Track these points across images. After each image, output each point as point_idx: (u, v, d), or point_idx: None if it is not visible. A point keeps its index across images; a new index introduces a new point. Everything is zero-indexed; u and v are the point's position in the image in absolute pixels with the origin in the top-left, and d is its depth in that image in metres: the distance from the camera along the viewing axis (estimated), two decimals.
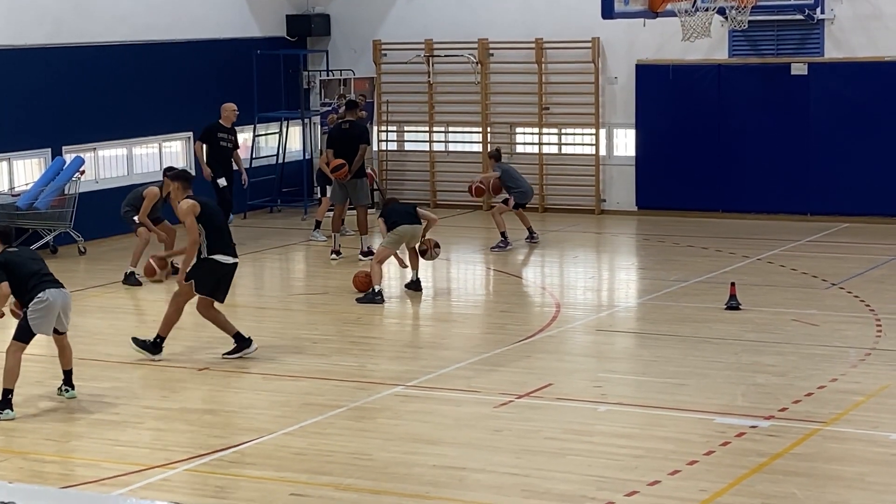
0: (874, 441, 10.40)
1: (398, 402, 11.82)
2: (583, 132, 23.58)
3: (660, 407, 11.43)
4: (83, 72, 21.04)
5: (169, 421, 11.39)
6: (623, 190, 23.29)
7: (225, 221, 13.83)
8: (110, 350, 13.91)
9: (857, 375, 12.35)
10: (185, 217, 13.26)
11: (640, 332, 14.65)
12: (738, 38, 22.17)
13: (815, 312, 15.01)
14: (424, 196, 24.29)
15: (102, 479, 9.80)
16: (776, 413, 11.12)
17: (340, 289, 17.05)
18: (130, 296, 17.08)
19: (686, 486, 9.39)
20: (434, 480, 9.63)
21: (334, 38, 25.14)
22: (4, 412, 11.39)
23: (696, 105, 22.49)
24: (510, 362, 13.15)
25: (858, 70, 21.51)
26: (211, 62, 23.30)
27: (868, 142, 21.52)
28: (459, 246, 20.54)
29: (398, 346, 14.49)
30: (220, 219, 13.60)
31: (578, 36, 22.96)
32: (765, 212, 22.16)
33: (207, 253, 13.31)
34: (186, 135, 22.92)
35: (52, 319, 11.57)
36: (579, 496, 9.22)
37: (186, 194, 13.47)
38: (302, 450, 10.43)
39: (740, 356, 13.16)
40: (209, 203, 13.67)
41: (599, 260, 20.13)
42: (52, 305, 11.51)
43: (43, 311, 11.49)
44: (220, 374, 12.93)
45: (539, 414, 11.31)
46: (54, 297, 11.52)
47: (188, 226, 13.27)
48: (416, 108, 24.60)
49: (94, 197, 20.73)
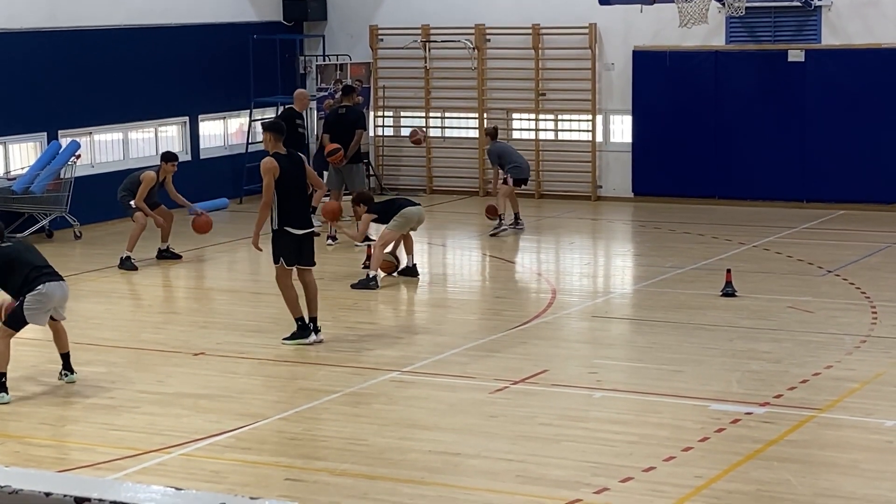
0: (869, 428, 10.41)
1: (393, 388, 11.83)
2: (579, 118, 23.56)
3: (655, 393, 11.44)
4: (79, 56, 21.01)
5: (164, 405, 11.39)
6: (619, 176, 23.29)
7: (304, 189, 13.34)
8: (105, 334, 13.90)
9: (853, 362, 12.36)
10: (264, 175, 12.96)
11: (636, 319, 14.66)
12: (735, 25, 22.15)
13: (811, 299, 15.02)
14: (420, 182, 24.29)
15: (98, 464, 9.81)
16: (771, 400, 11.13)
17: (336, 274, 17.04)
18: (126, 280, 17.07)
19: (681, 472, 9.40)
20: (429, 466, 9.64)
21: (331, 23, 25.10)
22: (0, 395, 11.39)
23: (693, 92, 22.48)
24: (506, 348, 13.15)
25: (855, 57, 21.50)
26: (207, 47, 23.27)
27: (865, 129, 21.51)
28: (455, 232, 20.54)
29: (394, 331, 14.49)
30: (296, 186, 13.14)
31: (575, 22, 22.94)
32: (761, 198, 22.16)
33: (279, 223, 13.06)
34: (182, 119, 22.90)
35: (47, 312, 11.56)
36: (574, 482, 9.23)
37: (276, 149, 13.16)
38: (297, 435, 10.43)
39: (735, 343, 13.17)
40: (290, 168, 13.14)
41: (595, 246, 20.14)
42: (49, 298, 11.49)
43: (40, 304, 11.45)
44: (215, 359, 12.93)
45: (534, 400, 11.32)
46: (52, 290, 11.49)
47: (264, 186, 12.96)
48: (413, 93, 24.57)
49: (90, 181, 20.72)
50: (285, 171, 13.05)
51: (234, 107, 23.88)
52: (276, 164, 13.00)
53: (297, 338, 13.24)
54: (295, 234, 13.10)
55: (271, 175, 12.94)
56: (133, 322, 14.78)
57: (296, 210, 13.13)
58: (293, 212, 13.10)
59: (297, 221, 13.14)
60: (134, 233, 17.53)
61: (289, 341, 13.25)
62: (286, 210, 13.05)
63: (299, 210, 13.18)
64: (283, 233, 13.09)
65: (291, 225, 13.08)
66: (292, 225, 13.09)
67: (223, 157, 23.78)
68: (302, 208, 13.23)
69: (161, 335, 13.91)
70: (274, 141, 13.23)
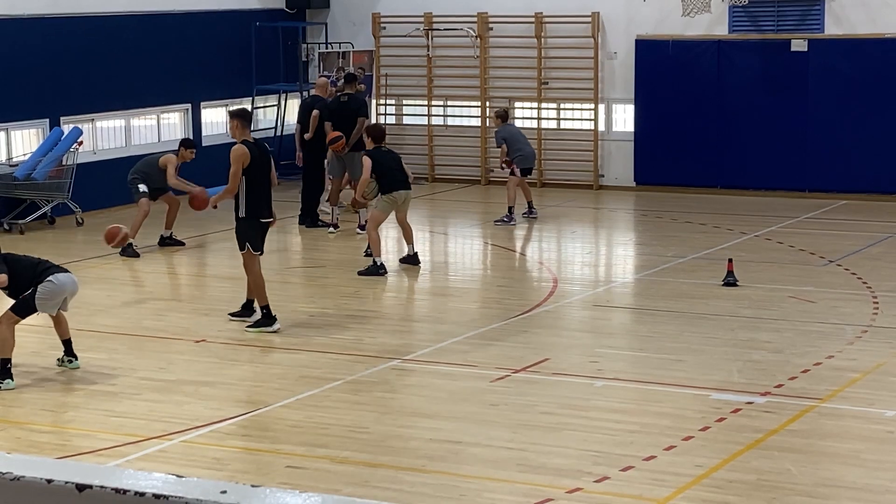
0: (869, 418, 10.42)
1: (395, 376, 11.84)
2: (582, 107, 23.54)
3: (656, 382, 11.45)
4: (82, 42, 21.00)
5: (166, 392, 11.40)
6: (621, 165, 23.28)
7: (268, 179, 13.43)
8: (108, 321, 13.91)
9: (854, 353, 12.37)
10: (233, 163, 13.01)
11: (637, 308, 14.66)
12: (738, 14, 22.12)
13: (812, 289, 15.02)
14: (422, 170, 24.28)
15: (99, 450, 9.82)
16: (772, 389, 11.14)
17: (338, 262, 17.06)
18: (128, 267, 17.08)
19: (681, 461, 9.41)
20: (430, 454, 9.65)
21: (333, 11, 25.08)
22: (5, 382, 11.40)
23: (696, 81, 22.46)
24: (507, 337, 13.16)
25: (858, 47, 21.47)
26: (210, 34, 23.25)
27: (867, 119, 21.49)
28: (457, 220, 20.54)
29: (395, 319, 14.50)
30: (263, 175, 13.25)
31: (578, 10, 22.91)
32: (763, 188, 22.15)
33: (245, 212, 13.16)
34: (185, 106, 22.89)
35: (58, 303, 11.61)
36: (575, 470, 9.24)
37: (243, 137, 13.23)
38: (298, 422, 10.45)
39: (737, 332, 13.17)
40: (258, 156, 13.22)
41: (597, 235, 20.14)
42: (62, 289, 11.55)
43: (52, 294, 11.50)
44: (217, 346, 12.94)
45: (535, 389, 11.33)
46: (64, 282, 11.56)
47: (231, 173, 13.01)
48: (415, 81, 24.56)
49: (92, 168, 20.71)
50: (255, 159, 13.16)
51: (237, 94, 23.85)
52: (247, 152, 13.08)
53: (262, 325, 13.33)
54: (260, 222, 13.28)
55: (240, 163, 13.03)
56: (135, 309, 14.79)
57: (264, 199, 13.29)
58: (261, 201, 13.26)
59: (266, 210, 13.33)
60: (137, 219, 17.53)
61: (252, 329, 13.35)
62: (255, 199, 13.20)
63: (267, 199, 13.34)
64: (251, 221, 13.22)
65: (261, 214, 13.27)
66: (262, 214, 13.28)
67: (225, 144, 23.68)
68: (268, 197, 13.38)
69: (163, 322, 13.92)
70: (241, 128, 13.27)
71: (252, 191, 13.13)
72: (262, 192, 13.25)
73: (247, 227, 13.26)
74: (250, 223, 13.23)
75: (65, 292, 11.59)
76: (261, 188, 13.22)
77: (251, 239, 13.24)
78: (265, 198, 13.31)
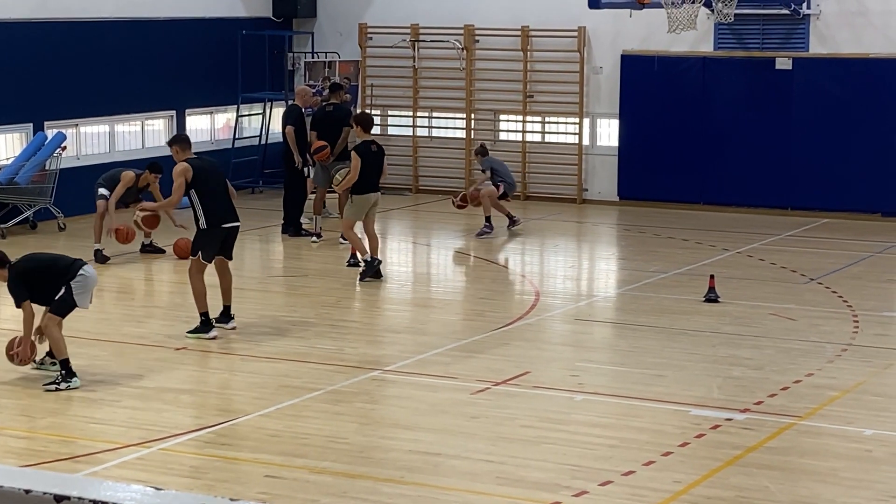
0: (848, 436, 10.45)
1: (375, 387, 11.83)
2: (566, 121, 23.58)
3: (636, 397, 11.46)
4: (67, 47, 20.96)
5: (145, 400, 11.37)
6: (605, 180, 23.31)
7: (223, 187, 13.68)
8: (88, 327, 13.86)
9: (833, 371, 12.40)
10: (175, 178, 13.35)
11: (619, 323, 14.68)
12: (723, 31, 22.19)
13: (793, 307, 15.05)
14: (406, 181, 24.28)
15: (76, 457, 9.79)
16: (751, 406, 11.16)
17: (320, 271, 17.04)
18: (109, 273, 17.03)
19: (660, 476, 9.42)
20: (409, 465, 9.64)
21: (320, 21, 25.09)
22: (72, 381, 11.56)
23: (681, 97, 22.51)
24: (488, 349, 13.16)
25: (843, 66, 21.55)
26: (196, 41, 23.23)
27: (850, 138, 21.57)
28: (441, 232, 20.54)
29: (376, 330, 14.49)
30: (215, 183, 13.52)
31: (565, 25, 22.96)
32: (746, 205, 22.21)
33: (206, 222, 13.33)
34: (169, 113, 22.86)
35: (90, 293, 11.79)
36: (553, 484, 9.24)
37: (184, 157, 13.47)
38: (278, 432, 10.43)
39: (717, 349, 13.19)
40: (204, 166, 13.58)
41: (580, 249, 20.16)
42: (92, 280, 11.82)
43: (85, 287, 11.71)
44: (197, 355, 12.91)
45: (515, 402, 11.33)
46: (91, 272, 11.84)
47: (174, 187, 13.36)
48: (401, 92, 24.57)
49: (75, 173, 20.66)
50: (199, 171, 13.43)
51: (222, 102, 23.86)
52: (188, 166, 13.37)
53: (199, 332, 13.38)
54: (224, 228, 13.47)
55: (183, 178, 13.34)
56: (115, 315, 14.76)
57: (220, 207, 13.48)
58: (218, 209, 13.46)
59: (225, 217, 13.52)
60: (96, 224, 17.52)
61: (191, 335, 13.40)
62: (212, 210, 13.43)
63: (224, 206, 13.52)
64: (212, 230, 13.42)
65: (222, 221, 13.47)
66: (224, 220, 13.49)
67: (210, 151, 23.67)
68: (226, 204, 13.58)
69: (143, 329, 13.90)
70: (180, 152, 13.61)
71: (206, 201, 13.39)
72: (219, 199, 13.50)
73: (206, 235, 13.46)
74: (211, 232, 13.41)
75: (94, 282, 11.85)
76: (216, 196, 13.47)
77: (204, 248, 13.45)
78: (223, 205, 13.53)
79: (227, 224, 13.52)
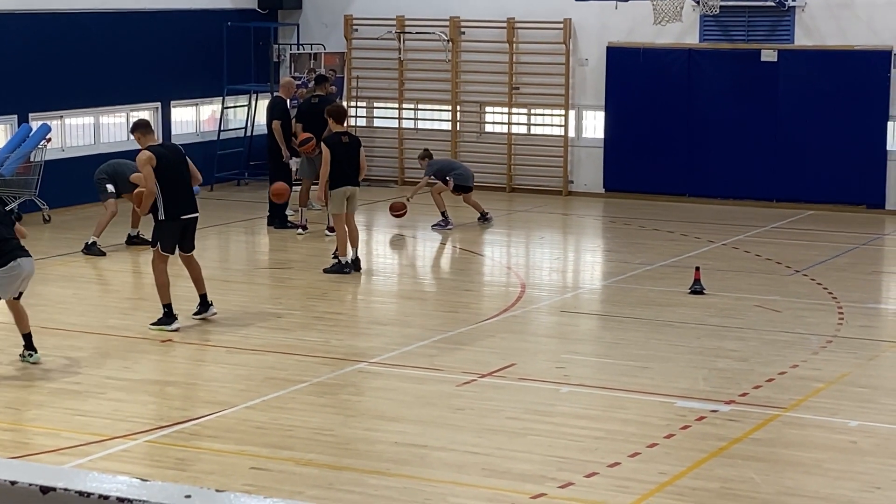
0: (833, 428, 10.48)
1: (361, 379, 11.84)
2: (552, 113, 23.58)
3: (621, 389, 11.48)
4: (52, 39, 20.89)
5: (130, 392, 11.36)
6: (591, 172, 23.33)
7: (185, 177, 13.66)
8: (73, 319, 13.85)
9: (818, 362, 12.43)
10: (141, 167, 13.37)
11: (604, 315, 14.70)
12: (709, 24, 22.21)
13: (778, 299, 15.09)
14: (392, 173, 24.27)
15: (62, 449, 9.78)
16: (737, 398, 11.18)
17: (306, 264, 17.03)
18: (94, 265, 17.01)
19: (646, 468, 9.44)
20: (395, 457, 9.65)
21: (305, 12, 25.05)
22: None
23: (666, 89, 22.53)
24: (474, 341, 13.17)
25: (828, 58, 21.59)
26: (181, 32, 23.18)
27: (835, 130, 21.61)
28: (426, 224, 20.53)
29: (362, 322, 14.50)
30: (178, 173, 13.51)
31: (550, 17, 22.95)
32: (731, 197, 22.24)
33: (164, 213, 13.35)
34: (154, 105, 22.81)
35: (17, 286, 11.63)
36: (539, 476, 9.25)
37: (147, 143, 13.46)
38: (263, 424, 10.43)
39: (702, 340, 13.22)
40: (167, 155, 13.56)
41: (565, 241, 20.17)
42: (20, 273, 11.59)
43: (12, 278, 11.54)
44: (182, 346, 12.90)
45: (501, 394, 11.34)
46: (23, 266, 11.60)
47: (144, 176, 13.35)
48: (387, 84, 24.54)
49: (60, 165, 20.61)
50: (162, 158, 13.41)
51: (207, 93, 23.81)
52: (151, 155, 13.34)
53: (162, 324, 13.38)
54: (181, 220, 13.50)
55: (149, 165, 13.30)
56: (100, 307, 14.73)
57: (182, 197, 13.51)
58: (178, 200, 13.48)
59: (184, 208, 13.54)
60: (103, 219, 17.47)
61: (154, 327, 13.40)
62: (172, 200, 13.44)
63: (184, 197, 13.55)
64: (169, 223, 13.45)
65: (179, 213, 13.48)
66: (180, 213, 13.49)
67: (195, 143, 23.65)
68: (186, 195, 13.59)
69: (128, 321, 13.87)
70: (143, 136, 13.62)
71: (167, 191, 13.38)
72: (180, 190, 13.49)
73: (164, 227, 13.48)
74: (168, 224, 13.44)
75: (23, 276, 11.70)
76: (177, 187, 13.46)
77: (163, 240, 13.47)
78: (183, 196, 13.54)
79: (185, 216, 13.53)
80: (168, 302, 13.42)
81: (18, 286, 11.69)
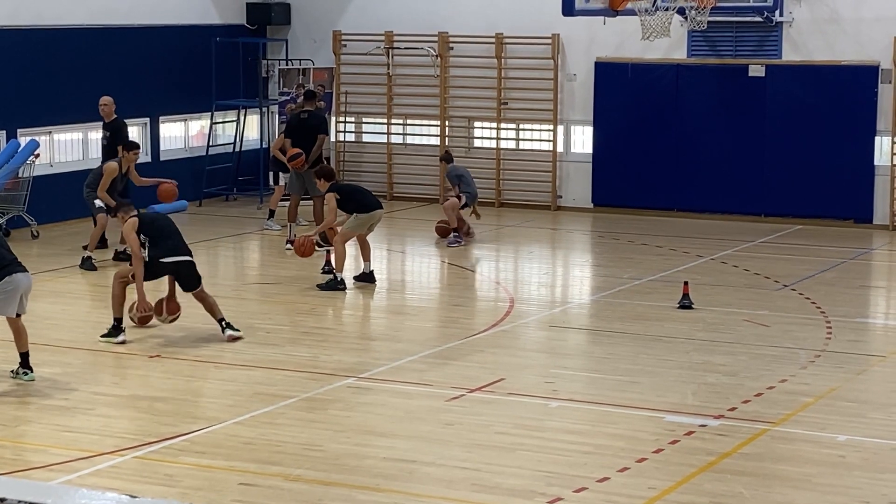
0: (821, 442, 10.49)
1: (350, 394, 11.83)
2: (541, 128, 23.62)
3: (610, 404, 11.48)
4: (40, 54, 20.89)
5: (119, 408, 11.35)
6: (579, 187, 23.36)
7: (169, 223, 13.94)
8: (62, 335, 13.83)
9: (807, 377, 12.45)
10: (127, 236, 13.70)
11: (593, 329, 14.71)
12: (697, 39, 22.27)
13: (767, 313, 15.11)
14: (381, 188, 24.28)
15: (50, 465, 9.76)
16: (725, 412, 11.19)
17: (294, 278, 17.02)
18: (82, 281, 16.99)
19: (635, 483, 9.44)
20: (384, 473, 9.64)
21: (294, 28, 25.07)
22: None
23: (654, 104, 22.59)
24: (463, 356, 13.17)
25: (815, 73, 21.66)
26: (170, 48, 23.19)
27: (823, 145, 21.67)
28: (415, 239, 20.55)
29: (351, 337, 14.49)
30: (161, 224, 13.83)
31: (538, 32, 23.00)
32: (719, 212, 22.28)
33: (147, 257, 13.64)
34: (143, 120, 22.81)
35: (15, 302, 11.61)
36: (528, 491, 9.25)
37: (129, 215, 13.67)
38: (252, 439, 10.41)
39: (691, 355, 13.23)
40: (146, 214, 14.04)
41: (554, 256, 20.19)
42: (17, 289, 11.57)
43: (8, 294, 11.51)
44: (171, 362, 12.88)
45: (490, 409, 11.34)
46: (19, 282, 11.59)
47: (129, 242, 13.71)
48: (375, 99, 24.57)
49: (49, 180, 20.60)
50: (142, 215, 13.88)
51: (196, 109, 23.81)
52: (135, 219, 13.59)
53: (110, 336, 13.50)
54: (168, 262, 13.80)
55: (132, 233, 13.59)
56: (89, 323, 14.70)
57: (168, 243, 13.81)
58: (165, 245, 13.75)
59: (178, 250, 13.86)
60: (95, 233, 17.47)
61: (102, 338, 13.51)
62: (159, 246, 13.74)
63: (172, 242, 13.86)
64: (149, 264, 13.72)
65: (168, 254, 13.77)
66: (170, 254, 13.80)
67: (184, 159, 23.69)
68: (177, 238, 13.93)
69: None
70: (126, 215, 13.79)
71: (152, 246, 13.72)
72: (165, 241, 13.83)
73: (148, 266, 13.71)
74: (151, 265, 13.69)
75: (20, 290, 11.67)
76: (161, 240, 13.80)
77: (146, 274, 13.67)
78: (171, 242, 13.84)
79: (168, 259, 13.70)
80: (120, 316, 13.54)
81: (17, 303, 11.67)
